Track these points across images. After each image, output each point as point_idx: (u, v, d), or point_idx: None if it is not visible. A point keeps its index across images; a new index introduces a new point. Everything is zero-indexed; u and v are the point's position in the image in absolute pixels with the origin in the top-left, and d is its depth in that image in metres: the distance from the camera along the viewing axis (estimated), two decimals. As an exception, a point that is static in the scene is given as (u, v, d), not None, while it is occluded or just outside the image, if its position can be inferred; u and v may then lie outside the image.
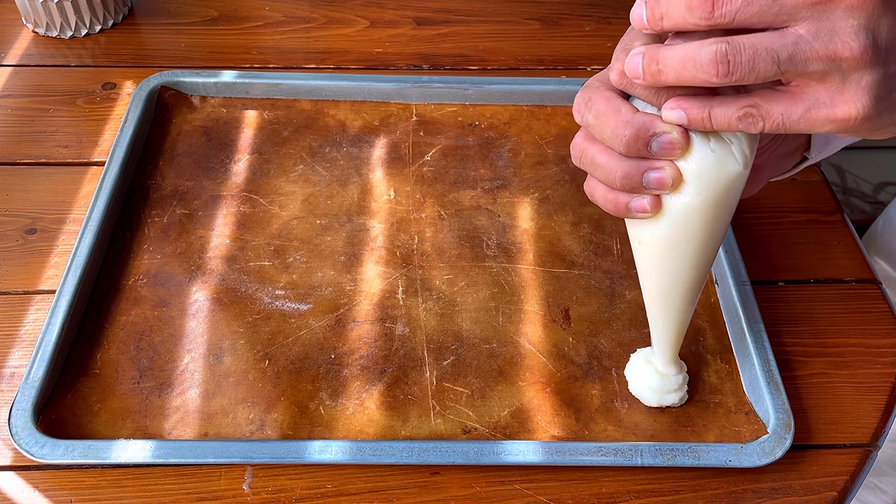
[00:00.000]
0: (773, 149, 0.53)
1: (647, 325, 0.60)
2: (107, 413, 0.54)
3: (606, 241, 0.65)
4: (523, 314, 0.61)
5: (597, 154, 0.44)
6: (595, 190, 0.46)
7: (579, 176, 0.71)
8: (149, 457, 0.51)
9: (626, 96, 0.44)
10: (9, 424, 0.52)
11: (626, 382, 0.57)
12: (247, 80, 0.76)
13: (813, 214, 0.70)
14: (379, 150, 0.72)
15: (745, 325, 0.58)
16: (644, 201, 0.44)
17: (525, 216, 0.67)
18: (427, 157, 0.72)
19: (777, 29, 0.38)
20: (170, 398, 0.55)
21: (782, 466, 0.54)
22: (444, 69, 0.82)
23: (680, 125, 0.42)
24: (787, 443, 0.52)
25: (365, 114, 0.75)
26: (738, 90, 0.41)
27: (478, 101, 0.77)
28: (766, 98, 0.40)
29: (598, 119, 0.43)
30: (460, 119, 0.75)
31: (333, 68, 0.82)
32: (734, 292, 0.60)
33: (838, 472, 0.54)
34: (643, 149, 0.42)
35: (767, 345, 0.57)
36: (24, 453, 0.51)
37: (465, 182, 0.70)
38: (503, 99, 0.77)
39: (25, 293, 0.62)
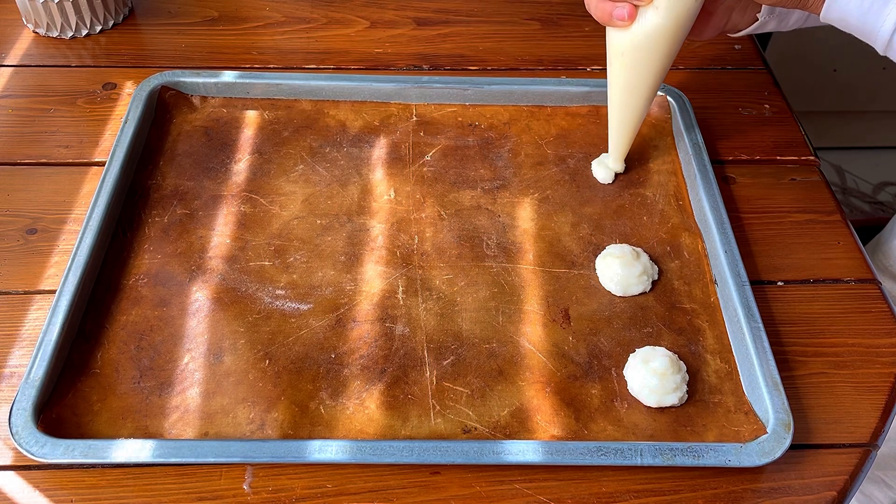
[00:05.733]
0: None
1: (646, 325, 0.61)
2: (107, 412, 0.54)
3: (606, 241, 0.65)
4: (523, 314, 0.61)
5: None
6: (591, 1, 0.61)
7: (579, 176, 0.71)
8: (149, 456, 0.51)
9: None
10: (9, 424, 0.52)
11: (626, 382, 0.57)
12: (247, 81, 0.76)
13: (812, 214, 0.70)
14: (379, 150, 0.72)
15: (744, 325, 0.58)
16: (624, 10, 0.59)
17: (525, 216, 0.68)
18: (427, 158, 0.72)
19: None
20: (170, 398, 0.55)
21: (781, 466, 0.54)
22: (444, 69, 0.83)
23: None
24: (787, 443, 0.52)
25: (365, 114, 0.76)
26: None
27: (478, 102, 0.77)
28: None
29: None
30: (460, 119, 0.76)
31: (333, 68, 0.82)
32: (733, 292, 0.60)
33: (837, 471, 0.54)
34: None
35: (767, 345, 0.57)
36: (25, 453, 0.51)
37: (465, 182, 0.70)
38: (503, 99, 0.77)
39: (26, 293, 0.62)
